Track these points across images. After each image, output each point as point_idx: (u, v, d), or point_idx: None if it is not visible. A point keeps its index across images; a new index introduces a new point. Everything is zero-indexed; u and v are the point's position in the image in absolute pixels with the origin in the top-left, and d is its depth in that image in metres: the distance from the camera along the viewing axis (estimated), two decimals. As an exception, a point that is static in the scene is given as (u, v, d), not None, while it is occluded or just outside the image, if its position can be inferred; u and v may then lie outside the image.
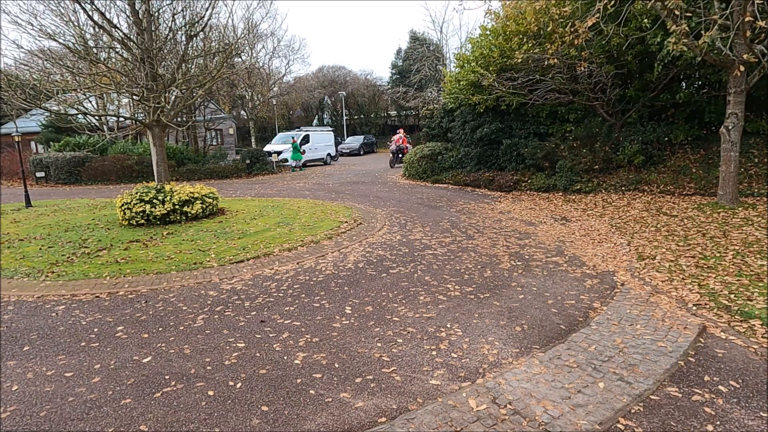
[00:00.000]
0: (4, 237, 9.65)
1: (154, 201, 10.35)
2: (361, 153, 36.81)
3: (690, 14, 8.56)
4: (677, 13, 8.08)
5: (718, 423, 3.22)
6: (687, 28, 8.18)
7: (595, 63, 11.95)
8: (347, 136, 42.10)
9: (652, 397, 3.55)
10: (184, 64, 11.34)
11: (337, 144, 33.24)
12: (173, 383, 3.92)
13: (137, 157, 20.98)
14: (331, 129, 32.74)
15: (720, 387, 3.64)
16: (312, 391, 3.75)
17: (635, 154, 12.53)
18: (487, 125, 15.70)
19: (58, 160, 20.58)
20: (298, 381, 3.91)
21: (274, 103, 42.30)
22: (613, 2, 8.46)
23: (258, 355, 4.40)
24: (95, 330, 5.09)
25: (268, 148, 27.21)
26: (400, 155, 24.75)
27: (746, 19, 7.65)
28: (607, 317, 5.03)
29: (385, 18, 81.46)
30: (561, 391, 3.63)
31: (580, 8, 10.55)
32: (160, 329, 5.06)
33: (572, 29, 9.53)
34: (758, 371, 3.84)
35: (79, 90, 11.61)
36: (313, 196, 15.19)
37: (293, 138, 26.57)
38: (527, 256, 7.48)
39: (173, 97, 12.05)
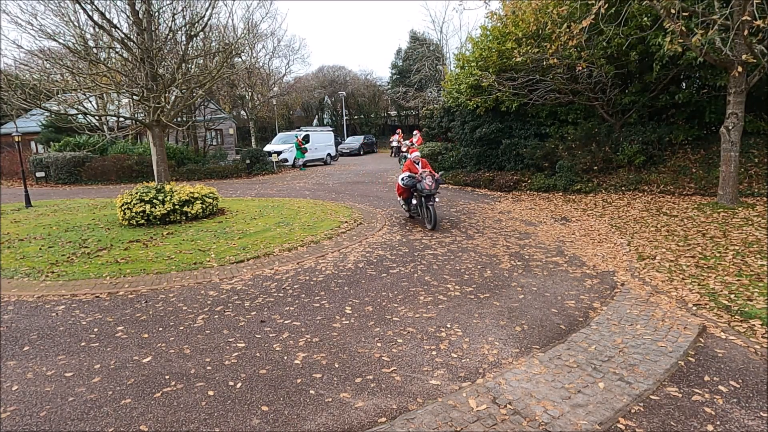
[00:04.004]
0: (4, 237, 9.64)
1: (154, 201, 10.35)
2: (361, 153, 36.79)
3: (687, 14, 8.56)
4: (673, 11, 8.09)
5: (718, 423, 3.22)
6: (684, 29, 8.19)
7: (595, 64, 11.95)
8: (347, 136, 42.07)
9: (652, 397, 3.55)
10: (184, 64, 11.33)
11: (337, 144, 33.21)
12: (173, 383, 3.92)
13: (137, 157, 20.97)
14: (331, 129, 32.70)
15: (720, 387, 3.64)
16: (312, 391, 3.75)
17: (635, 154, 12.53)
18: (486, 125, 15.70)
19: (58, 160, 20.57)
20: (298, 381, 3.91)
21: (274, 103, 42.28)
22: (607, 4, 8.47)
23: (258, 355, 4.40)
24: (95, 330, 5.09)
25: (268, 148, 27.17)
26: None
27: (744, 18, 7.65)
28: (607, 317, 5.03)
29: (385, 18, 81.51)
30: (561, 391, 3.64)
31: (579, 8, 10.55)
32: (160, 329, 5.06)
33: (567, 29, 9.55)
34: (758, 371, 3.84)
35: (79, 90, 11.62)
36: (313, 196, 15.18)
37: (297, 138, 26.54)
38: (527, 256, 7.48)
39: (173, 97, 12.04)
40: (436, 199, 9.39)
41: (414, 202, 9.97)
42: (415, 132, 26.71)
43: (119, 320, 5.34)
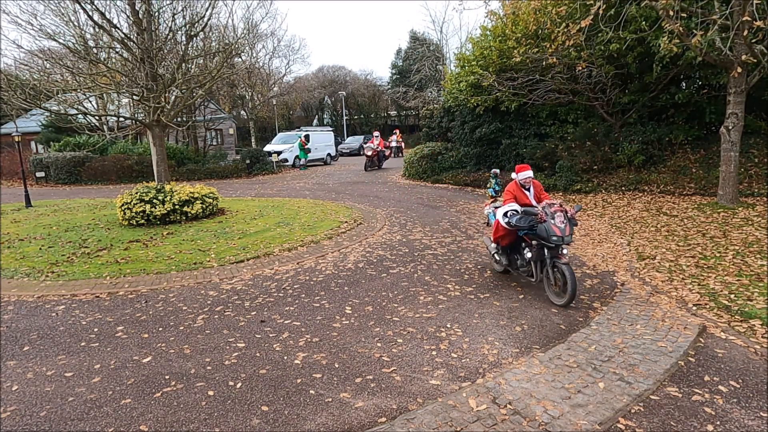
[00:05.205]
0: (4, 237, 9.64)
1: (154, 201, 10.35)
2: (361, 153, 36.77)
3: (685, 15, 8.56)
4: (671, 13, 8.09)
5: (718, 423, 3.22)
6: (681, 29, 8.19)
7: (595, 64, 11.95)
8: (347, 136, 42.09)
9: (652, 397, 3.55)
10: (184, 64, 11.33)
11: (337, 144, 33.21)
12: (173, 383, 3.92)
13: (137, 157, 20.97)
14: (331, 129, 32.71)
15: (720, 387, 3.64)
16: (312, 391, 3.75)
17: (635, 154, 12.53)
18: (486, 125, 15.70)
19: (58, 160, 20.57)
20: (298, 381, 3.91)
21: (274, 103, 42.30)
22: (605, 5, 8.47)
23: (258, 355, 4.40)
24: (95, 330, 5.09)
25: (268, 148, 27.17)
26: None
27: (744, 19, 7.65)
28: (607, 317, 5.03)
29: (385, 18, 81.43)
30: (561, 391, 3.64)
31: (578, 9, 10.55)
32: (160, 329, 5.06)
33: (565, 29, 9.55)
34: (758, 371, 3.85)
35: (79, 90, 11.61)
36: (313, 196, 15.18)
37: (300, 138, 26.49)
38: (527, 256, 7.48)
39: (173, 97, 12.04)
40: (565, 250, 5.47)
41: (528, 255, 5.77)
42: (375, 133, 24.49)
43: (119, 320, 5.34)
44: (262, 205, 13.16)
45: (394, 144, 31.86)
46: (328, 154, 29.64)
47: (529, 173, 5.98)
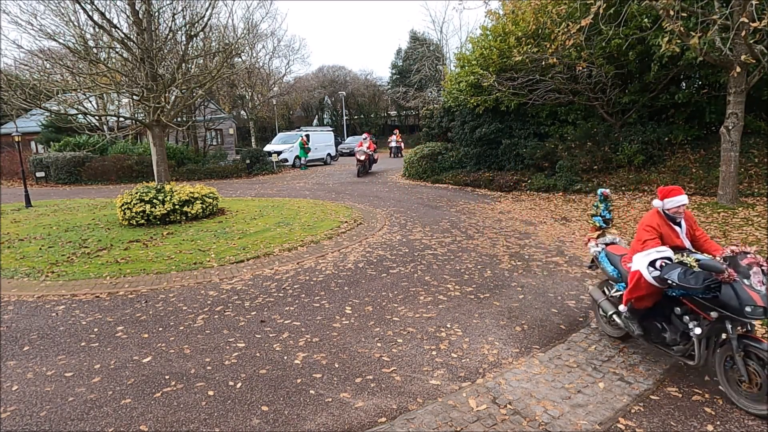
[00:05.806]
0: (4, 237, 9.64)
1: (154, 201, 10.35)
2: None
3: (686, 15, 8.55)
4: (671, 13, 8.10)
5: (718, 423, 3.22)
6: (681, 29, 8.19)
7: (595, 63, 11.95)
8: (347, 136, 42.08)
9: (652, 397, 3.55)
10: (184, 64, 11.33)
11: (337, 144, 33.22)
12: (173, 383, 3.92)
13: (137, 157, 20.96)
14: (331, 129, 32.71)
15: (720, 387, 3.63)
16: (312, 391, 3.75)
17: (635, 154, 12.53)
18: (486, 125, 15.70)
19: (58, 160, 20.57)
20: (298, 381, 3.91)
21: (274, 103, 42.30)
22: (606, 5, 8.46)
23: (258, 355, 4.40)
24: (95, 330, 5.09)
25: (268, 148, 27.18)
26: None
27: (742, 20, 7.65)
28: (607, 317, 5.01)
29: (385, 18, 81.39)
30: (561, 391, 3.64)
31: (578, 8, 10.55)
32: (160, 329, 5.06)
33: (565, 29, 9.54)
34: (758, 371, 3.84)
35: (79, 90, 11.60)
36: (313, 196, 15.18)
37: (302, 137, 26.44)
38: (527, 256, 7.48)
39: (173, 97, 12.04)
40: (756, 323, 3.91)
41: (697, 330, 3.51)
42: (364, 135, 22.33)
43: (119, 320, 5.34)
44: (262, 205, 13.16)
45: (393, 144, 31.90)
46: (328, 154, 29.64)
47: (684, 199, 3.86)
